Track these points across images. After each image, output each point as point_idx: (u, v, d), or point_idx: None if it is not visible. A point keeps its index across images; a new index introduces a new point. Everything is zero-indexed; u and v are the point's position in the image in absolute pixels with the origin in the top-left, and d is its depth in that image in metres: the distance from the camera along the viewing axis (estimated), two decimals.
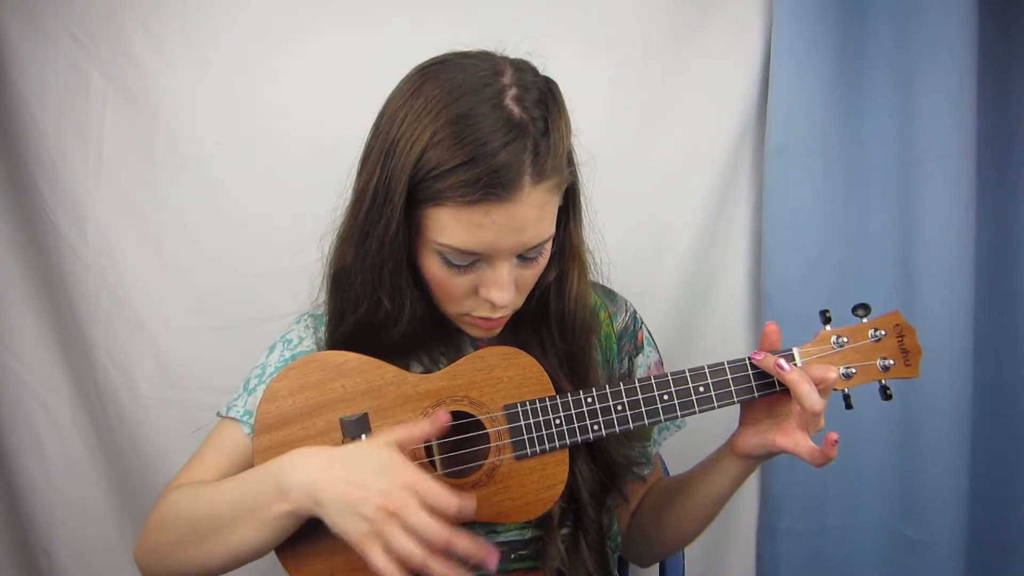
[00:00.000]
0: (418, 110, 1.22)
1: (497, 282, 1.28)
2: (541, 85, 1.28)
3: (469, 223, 1.21)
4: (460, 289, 1.31)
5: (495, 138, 1.18)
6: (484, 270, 1.29)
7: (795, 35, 1.99)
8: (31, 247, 2.03)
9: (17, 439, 2.07)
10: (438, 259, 1.28)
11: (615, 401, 1.33)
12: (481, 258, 1.27)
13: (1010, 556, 2.09)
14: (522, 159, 1.20)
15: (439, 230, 1.24)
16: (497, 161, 1.18)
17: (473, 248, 1.24)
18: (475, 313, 1.34)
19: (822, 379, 1.29)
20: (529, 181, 1.21)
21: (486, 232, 1.22)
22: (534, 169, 1.21)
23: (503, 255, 1.26)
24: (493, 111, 1.20)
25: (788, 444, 1.31)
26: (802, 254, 2.05)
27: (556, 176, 1.25)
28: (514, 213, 1.21)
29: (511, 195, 1.20)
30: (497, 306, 1.31)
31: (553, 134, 1.24)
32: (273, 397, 1.32)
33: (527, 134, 1.21)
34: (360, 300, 1.35)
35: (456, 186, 1.19)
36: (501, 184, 1.18)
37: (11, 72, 1.94)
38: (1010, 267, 2.06)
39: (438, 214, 1.23)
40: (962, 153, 1.94)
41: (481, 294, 1.31)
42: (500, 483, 1.32)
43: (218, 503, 1.27)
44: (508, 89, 1.23)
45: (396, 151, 1.22)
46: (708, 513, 1.49)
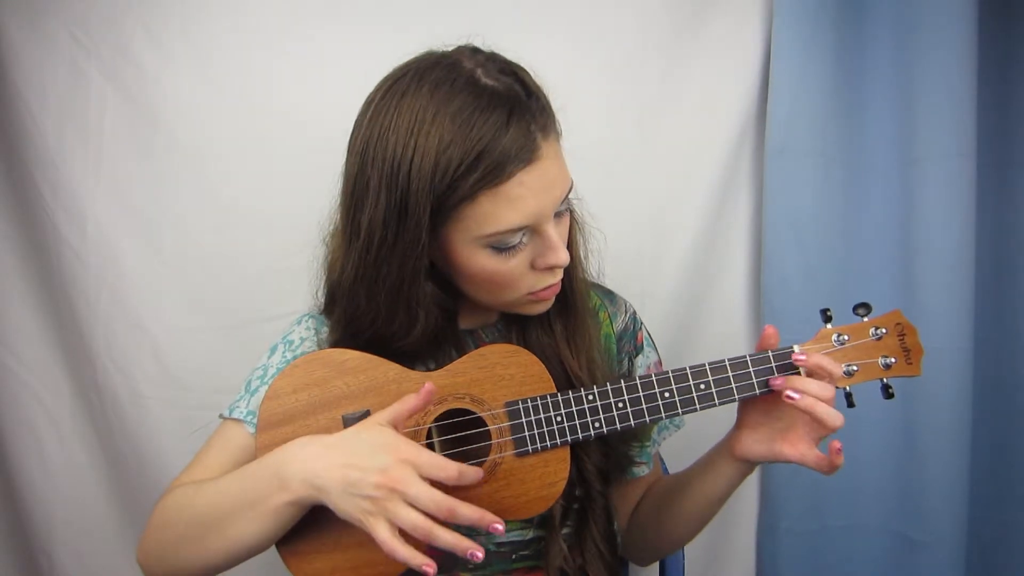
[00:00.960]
0: (409, 126, 1.23)
1: (551, 245, 1.30)
2: (491, 55, 1.32)
3: (508, 200, 1.23)
4: (518, 271, 1.32)
5: (496, 115, 1.21)
6: (533, 242, 1.31)
7: (795, 35, 1.99)
8: (31, 247, 2.03)
9: (17, 439, 2.07)
10: (487, 252, 1.29)
11: (616, 398, 1.33)
12: (527, 231, 1.28)
13: (1010, 556, 2.09)
14: (527, 121, 1.23)
15: (484, 222, 1.25)
16: (510, 135, 1.21)
17: (522, 222, 1.26)
18: (537, 287, 1.36)
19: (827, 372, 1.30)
20: (541, 137, 1.24)
21: (527, 201, 1.24)
22: (539, 125, 1.25)
23: (546, 217, 1.28)
24: (479, 94, 1.23)
25: (795, 455, 1.32)
26: (802, 254, 2.04)
27: (553, 124, 1.30)
28: (542, 172, 1.24)
29: (533, 155, 1.23)
30: (558, 267, 1.34)
31: (534, 89, 1.29)
32: (276, 395, 1.32)
33: (518, 99, 1.24)
34: (376, 316, 1.36)
35: (484, 174, 1.21)
36: (523, 152, 1.22)
37: (11, 72, 1.94)
38: (1010, 267, 2.05)
39: (476, 209, 1.24)
40: (962, 153, 1.93)
41: (538, 265, 1.32)
42: (502, 480, 1.32)
43: (218, 498, 1.27)
44: (475, 70, 1.26)
45: (402, 171, 1.22)
46: (707, 513, 1.49)
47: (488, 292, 1.37)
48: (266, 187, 2.02)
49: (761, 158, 2.06)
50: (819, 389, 1.27)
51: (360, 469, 1.16)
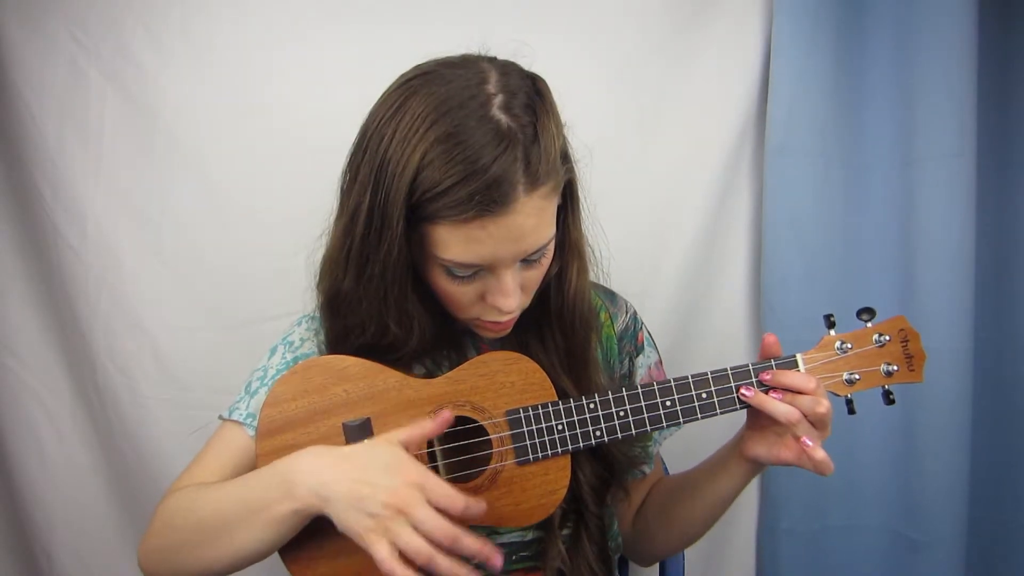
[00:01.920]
0: (405, 129, 1.21)
1: (502, 290, 1.28)
2: (527, 87, 1.27)
3: (467, 239, 1.21)
4: (467, 298, 1.31)
5: (485, 153, 1.17)
6: (488, 278, 1.28)
7: (795, 35, 1.98)
8: (31, 247, 2.03)
9: (17, 439, 2.07)
10: (442, 271, 1.28)
11: (617, 407, 1.33)
12: (484, 268, 1.27)
13: (1010, 556, 2.09)
14: (514, 170, 1.19)
15: (439, 246, 1.24)
16: (489, 176, 1.17)
17: (474, 261, 1.24)
18: (484, 318, 1.35)
19: (798, 388, 1.31)
20: (523, 191, 1.20)
21: (484, 246, 1.22)
22: (527, 178, 1.20)
23: (505, 264, 1.26)
24: (481, 124, 1.19)
25: (791, 458, 1.33)
26: (802, 254, 2.04)
27: (551, 180, 1.24)
28: (511, 224, 1.21)
29: (506, 207, 1.19)
30: (504, 312, 1.31)
31: (543, 138, 1.23)
32: (276, 401, 1.32)
33: (516, 143, 1.19)
34: (366, 325, 1.35)
35: (451, 204, 1.18)
36: (494, 199, 1.18)
37: (11, 72, 1.94)
38: (1010, 267, 2.06)
39: (436, 231, 1.22)
40: (962, 153, 1.93)
41: (488, 301, 1.31)
42: (502, 488, 1.32)
43: (223, 503, 1.27)
44: (494, 97, 1.22)
45: (387, 173, 1.21)
46: (716, 512, 1.50)
47: (446, 305, 1.37)
48: (266, 187, 2.01)
49: (761, 158, 2.06)
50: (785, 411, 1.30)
51: (370, 485, 1.15)
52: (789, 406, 1.29)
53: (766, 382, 1.33)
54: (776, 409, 1.29)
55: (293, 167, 1.99)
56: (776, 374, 1.32)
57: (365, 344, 1.37)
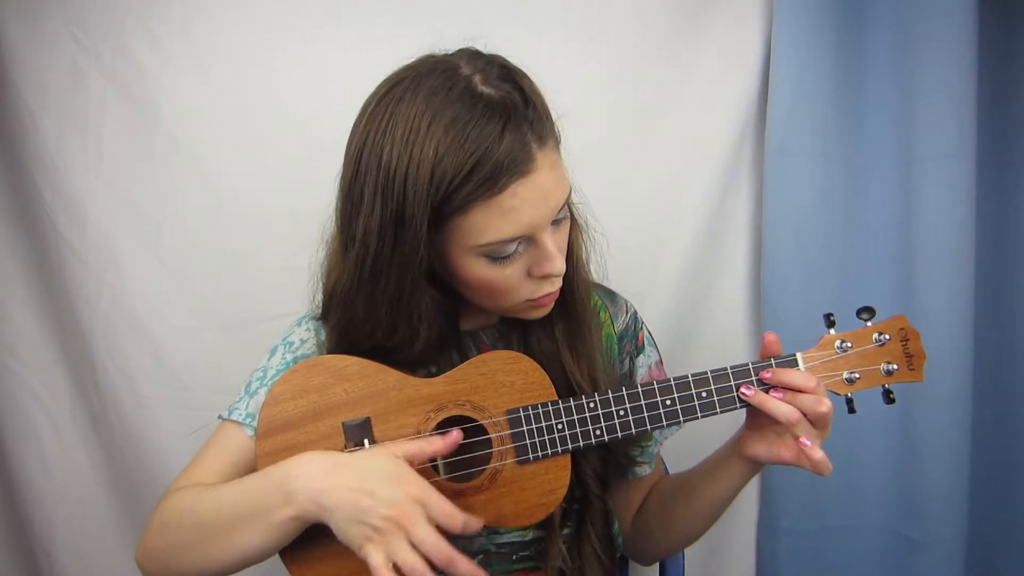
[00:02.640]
0: (404, 135, 1.21)
1: (548, 255, 1.29)
2: (493, 60, 1.29)
3: (503, 212, 1.22)
4: (514, 279, 1.31)
5: (491, 125, 1.19)
6: (529, 251, 1.29)
7: (795, 35, 1.98)
8: (31, 247, 2.03)
9: (17, 439, 2.08)
10: (483, 261, 1.28)
11: (617, 406, 1.33)
12: (523, 241, 1.27)
13: (1010, 556, 2.09)
14: (523, 131, 1.21)
15: (477, 233, 1.24)
16: (504, 145, 1.19)
17: (516, 233, 1.24)
18: (536, 295, 1.34)
19: (799, 387, 1.30)
20: (537, 148, 1.22)
21: (521, 213, 1.23)
22: (535, 136, 1.22)
23: (541, 227, 1.26)
24: (474, 103, 1.21)
25: (790, 457, 1.33)
26: (802, 254, 2.04)
27: (552, 133, 1.28)
28: (537, 183, 1.22)
29: (528, 167, 1.21)
30: (554, 276, 1.32)
31: (533, 98, 1.26)
32: (275, 401, 1.32)
33: (515, 108, 1.22)
34: (375, 329, 1.35)
35: (478, 184, 1.19)
36: (517, 163, 1.20)
37: (11, 72, 1.94)
38: (1010, 267, 2.06)
39: (470, 219, 1.22)
40: (962, 153, 1.93)
41: (535, 273, 1.31)
42: (502, 487, 1.32)
43: (222, 506, 1.26)
44: (472, 77, 1.24)
45: (398, 182, 1.20)
46: (715, 512, 1.49)
47: (486, 298, 1.36)
48: (266, 187, 2.02)
49: (761, 158, 2.06)
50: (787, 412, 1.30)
51: (371, 497, 1.16)
52: (789, 406, 1.29)
53: (766, 380, 1.32)
54: (776, 408, 1.29)
55: (293, 167, 1.99)
56: (776, 372, 1.32)
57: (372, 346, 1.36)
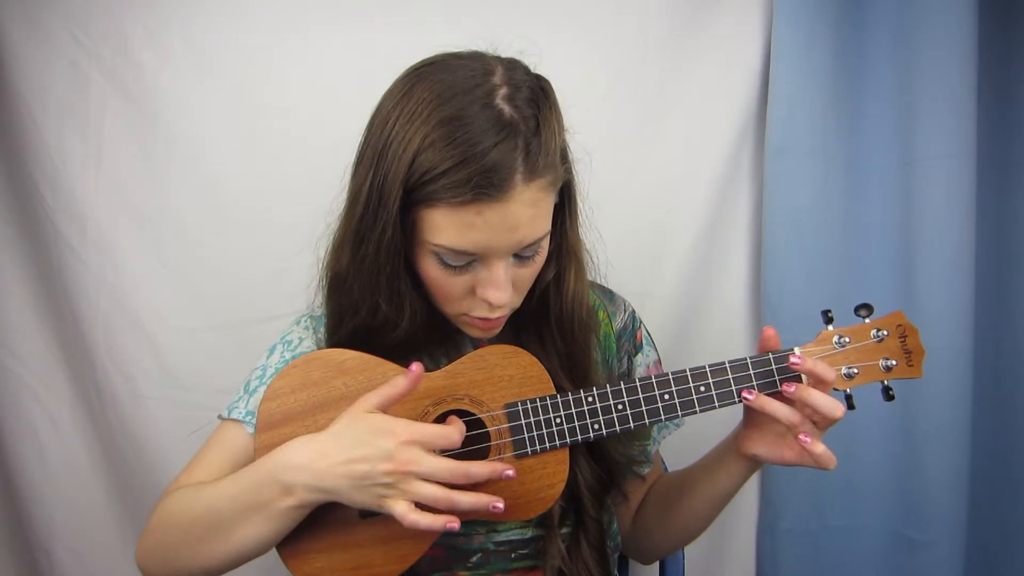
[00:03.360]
0: (409, 112, 1.22)
1: (493, 282, 1.28)
2: (532, 83, 1.28)
3: (462, 223, 1.21)
4: (457, 290, 1.31)
5: (485, 138, 1.19)
6: (480, 270, 1.29)
7: (795, 35, 1.99)
8: (31, 247, 2.03)
9: (17, 439, 2.07)
10: (434, 260, 1.28)
11: (616, 400, 1.33)
12: (476, 258, 1.27)
13: (1010, 556, 2.09)
14: (513, 157, 1.20)
15: (433, 231, 1.24)
16: (487, 161, 1.18)
17: (467, 248, 1.24)
18: (473, 313, 1.34)
19: (819, 377, 1.29)
20: (521, 179, 1.20)
21: (479, 232, 1.22)
22: (525, 167, 1.21)
23: (498, 254, 1.26)
24: (483, 111, 1.20)
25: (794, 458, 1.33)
26: (802, 254, 2.04)
27: (549, 174, 1.25)
28: (507, 212, 1.21)
29: (503, 194, 1.20)
30: (494, 306, 1.31)
31: (544, 132, 1.24)
32: (275, 395, 1.32)
33: (518, 133, 1.21)
34: (359, 305, 1.35)
35: (448, 187, 1.19)
36: (492, 184, 1.18)
37: (11, 72, 1.94)
38: (1010, 267, 2.05)
39: (431, 215, 1.23)
40: (962, 153, 1.93)
41: (478, 294, 1.31)
42: (501, 481, 1.31)
43: (220, 501, 1.27)
44: (498, 88, 1.24)
45: (388, 154, 1.22)
46: (713, 510, 1.50)
47: (434, 297, 1.37)
48: (266, 187, 2.01)
49: (761, 158, 2.06)
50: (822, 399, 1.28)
51: (366, 461, 1.16)
52: (791, 408, 1.28)
53: (794, 365, 1.31)
54: (778, 411, 1.29)
55: (293, 167, 1.99)
56: (805, 357, 1.31)
57: (358, 325, 1.37)
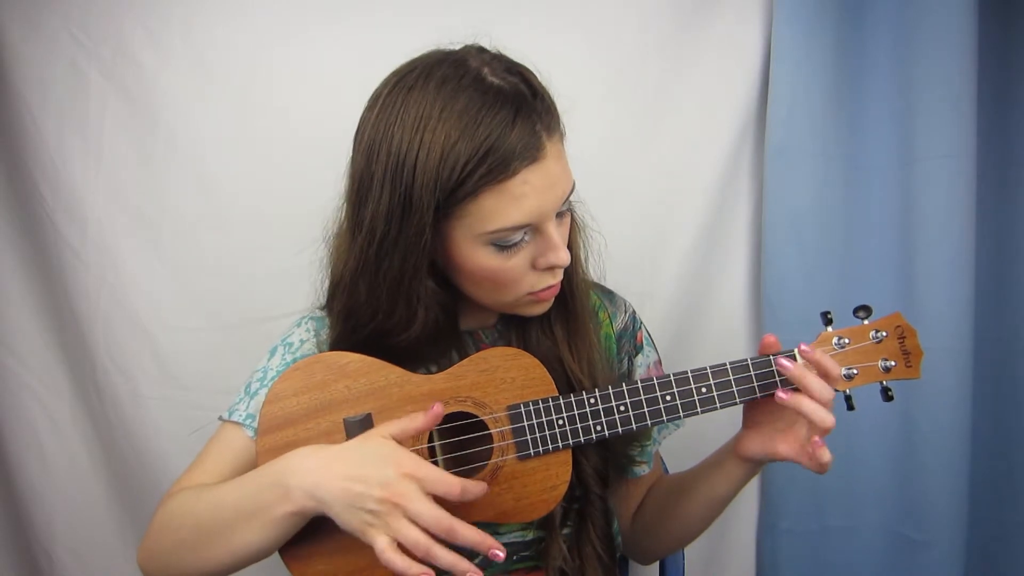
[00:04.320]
0: (414, 121, 1.23)
1: (552, 244, 1.30)
2: (496, 55, 1.32)
3: (513, 197, 1.23)
4: (519, 269, 1.32)
5: (502, 113, 1.21)
6: (535, 241, 1.31)
7: (795, 35, 1.99)
8: (31, 247, 2.03)
9: (17, 439, 2.07)
10: (490, 250, 1.29)
11: (617, 401, 1.33)
12: (528, 230, 1.28)
13: (1010, 556, 2.09)
14: (533, 120, 1.23)
15: (486, 219, 1.25)
16: (516, 133, 1.21)
17: (525, 220, 1.25)
18: (538, 287, 1.35)
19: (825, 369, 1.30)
20: (546, 137, 1.25)
21: (529, 199, 1.24)
22: (544, 125, 1.25)
23: (548, 216, 1.28)
24: (485, 92, 1.23)
25: (790, 453, 1.33)
26: (802, 254, 2.04)
27: (558, 125, 1.30)
28: (546, 170, 1.25)
29: (538, 154, 1.23)
30: (560, 267, 1.34)
31: (539, 89, 1.29)
32: (277, 398, 1.32)
33: (523, 98, 1.24)
34: (375, 314, 1.35)
35: (490, 169, 1.21)
36: (528, 150, 1.22)
37: (11, 72, 1.94)
38: (1010, 267, 2.05)
39: (479, 205, 1.24)
40: (962, 153, 1.93)
41: (539, 265, 1.32)
42: (503, 483, 1.32)
43: (221, 505, 1.27)
44: (481, 68, 1.26)
45: (407, 166, 1.22)
46: (712, 512, 1.49)
47: (488, 291, 1.37)
48: (266, 187, 2.02)
49: (761, 158, 2.06)
50: (820, 388, 1.27)
51: (363, 483, 1.16)
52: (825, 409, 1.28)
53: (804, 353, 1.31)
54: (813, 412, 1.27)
55: (293, 167, 2.00)
56: (815, 351, 1.31)
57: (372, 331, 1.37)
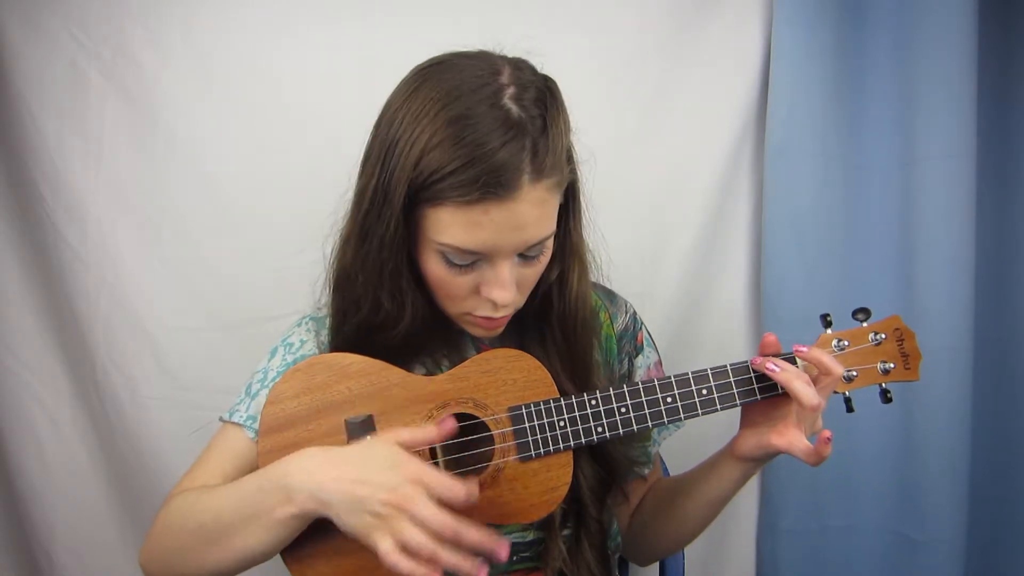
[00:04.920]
0: (416, 111, 1.23)
1: (498, 281, 1.28)
2: (539, 83, 1.28)
3: (468, 222, 1.22)
4: (462, 289, 1.31)
5: (493, 137, 1.19)
6: (485, 269, 1.29)
7: (795, 35, 1.99)
8: (31, 247, 2.03)
9: (17, 439, 2.07)
10: (439, 259, 1.28)
11: (619, 403, 1.34)
12: (482, 257, 1.27)
13: (1010, 556, 2.09)
14: (520, 157, 1.20)
15: (439, 230, 1.24)
16: (495, 161, 1.18)
17: (473, 247, 1.24)
18: (477, 312, 1.34)
19: (826, 367, 1.30)
20: (528, 179, 1.21)
21: (486, 231, 1.22)
22: (533, 167, 1.21)
23: (504, 254, 1.26)
24: (491, 110, 1.21)
25: (783, 444, 1.32)
26: (802, 254, 2.05)
27: (555, 174, 1.25)
28: (513, 211, 1.21)
29: (510, 194, 1.20)
30: (499, 305, 1.31)
31: (551, 132, 1.24)
32: (278, 399, 1.32)
33: (525, 133, 1.21)
34: (361, 301, 1.36)
35: (455, 186, 1.19)
36: (500, 183, 1.19)
37: (11, 72, 1.94)
38: (1010, 267, 2.05)
39: (438, 214, 1.23)
40: (962, 153, 1.93)
41: (483, 293, 1.31)
42: (504, 485, 1.32)
43: (223, 508, 1.26)
44: (506, 88, 1.24)
45: (395, 152, 1.23)
46: (709, 514, 1.49)
47: (438, 297, 1.37)
48: (266, 187, 2.01)
49: (761, 158, 2.06)
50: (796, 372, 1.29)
51: (369, 486, 1.15)
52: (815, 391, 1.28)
53: (801, 355, 1.32)
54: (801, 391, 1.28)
55: (293, 167, 1.99)
56: (814, 349, 1.32)
57: (361, 322, 1.37)
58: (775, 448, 1.33)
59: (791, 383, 1.28)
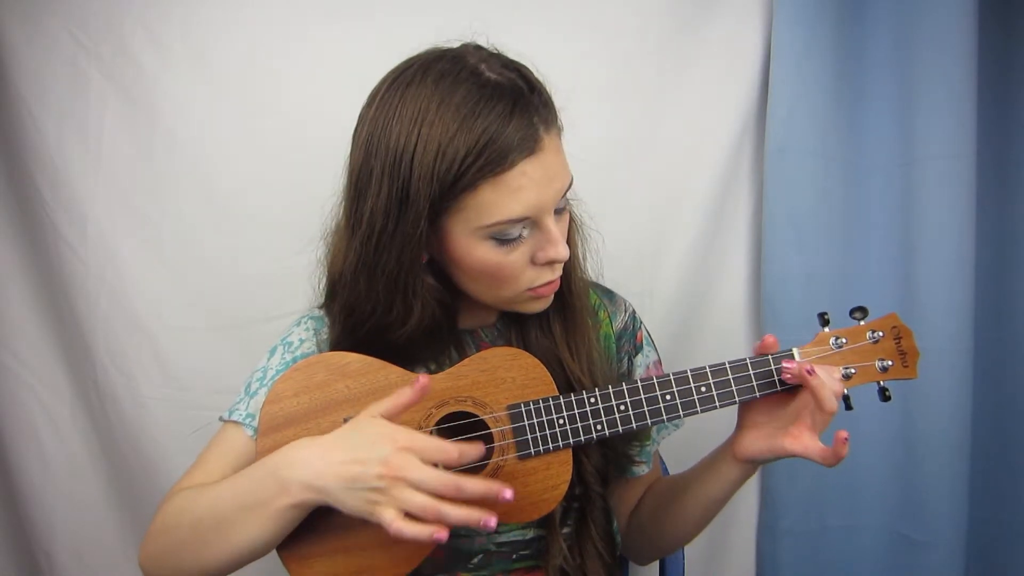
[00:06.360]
0: (412, 116, 1.24)
1: (552, 239, 1.31)
2: (494, 52, 1.34)
3: (510, 190, 1.24)
4: (518, 264, 1.32)
5: (499, 107, 1.22)
6: (533, 236, 1.31)
7: (795, 35, 1.99)
8: (31, 247, 2.03)
9: (17, 439, 2.08)
10: (490, 245, 1.30)
11: (617, 401, 1.33)
12: (527, 224, 1.29)
13: (1010, 556, 2.09)
14: (530, 113, 1.25)
15: (485, 211, 1.26)
16: (513, 126, 1.22)
17: (523, 213, 1.26)
18: (537, 282, 1.36)
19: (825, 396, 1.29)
20: (543, 130, 1.26)
21: (528, 191, 1.25)
22: (541, 118, 1.27)
23: (546, 210, 1.29)
24: (482, 86, 1.24)
25: (798, 448, 1.31)
26: (802, 254, 2.04)
27: (555, 119, 1.32)
28: (543, 162, 1.26)
29: (536, 146, 1.25)
30: (559, 261, 1.34)
31: (536, 83, 1.31)
32: (277, 398, 1.32)
33: (520, 92, 1.26)
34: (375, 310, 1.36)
35: (487, 163, 1.22)
36: (524, 142, 1.23)
37: (11, 72, 1.95)
38: (1010, 267, 2.05)
39: (478, 198, 1.25)
40: (962, 153, 1.93)
41: (538, 259, 1.33)
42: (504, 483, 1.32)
43: (219, 503, 1.27)
44: (479, 65, 1.28)
45: (405, 160, 1.23)
46: (707, 514, 1.49)
47: (487, 287, 1.37)
48: (266, 187, 2.02)
49: (761, 158, 2.06)
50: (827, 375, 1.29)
51: (360, 463, 1.16)
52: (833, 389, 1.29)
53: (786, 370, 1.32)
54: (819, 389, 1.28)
55: (293, 167, 2.00)
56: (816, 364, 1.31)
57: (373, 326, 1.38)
58: (789, 453, 1.33)
59: (821, 389, 1.28)
